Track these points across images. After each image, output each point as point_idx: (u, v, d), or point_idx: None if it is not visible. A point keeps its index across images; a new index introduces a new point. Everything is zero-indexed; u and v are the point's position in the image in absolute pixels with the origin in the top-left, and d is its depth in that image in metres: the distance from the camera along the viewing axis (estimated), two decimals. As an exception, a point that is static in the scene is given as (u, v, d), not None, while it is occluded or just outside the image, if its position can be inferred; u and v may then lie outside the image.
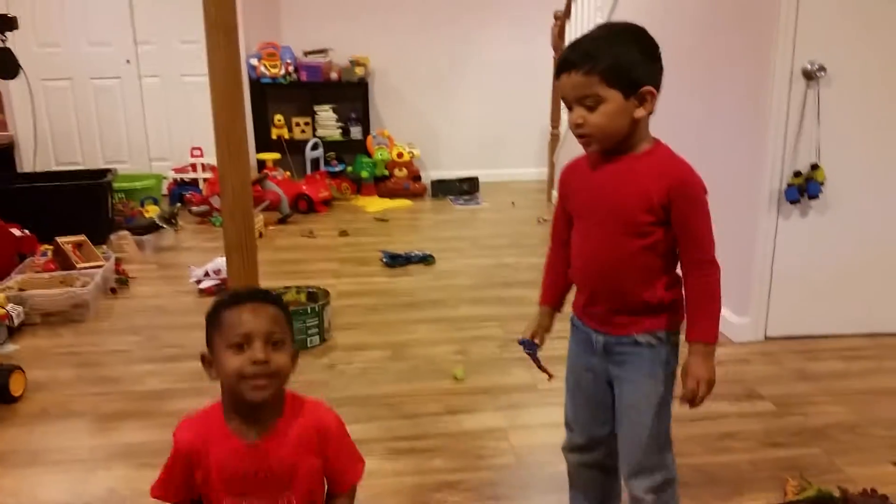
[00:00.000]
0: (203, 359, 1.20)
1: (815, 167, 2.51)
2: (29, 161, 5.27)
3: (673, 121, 1.22)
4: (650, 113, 1.25)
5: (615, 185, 1.29)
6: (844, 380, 2.36)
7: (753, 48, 2.54)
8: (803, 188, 2.52)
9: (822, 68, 2.42)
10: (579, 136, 1.28)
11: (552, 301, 1.49)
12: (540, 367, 1.49)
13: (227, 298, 1.20)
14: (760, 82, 2.50)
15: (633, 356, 1.32)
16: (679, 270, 1.32)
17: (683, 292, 1.31)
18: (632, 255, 1.28)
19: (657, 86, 1.25)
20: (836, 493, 1.71)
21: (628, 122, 1.25)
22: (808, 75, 2.44)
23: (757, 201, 2.55)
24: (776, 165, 2.53)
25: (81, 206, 4.01)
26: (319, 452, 1.23)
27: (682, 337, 1.32)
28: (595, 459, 1.47)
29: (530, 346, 1.48)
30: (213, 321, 1.18)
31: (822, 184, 2.51)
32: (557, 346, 1.50)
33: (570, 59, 1.24)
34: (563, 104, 1.31)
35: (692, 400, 1.28)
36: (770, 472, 1.85)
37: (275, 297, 1.24)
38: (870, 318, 2.69)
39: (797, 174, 2.52)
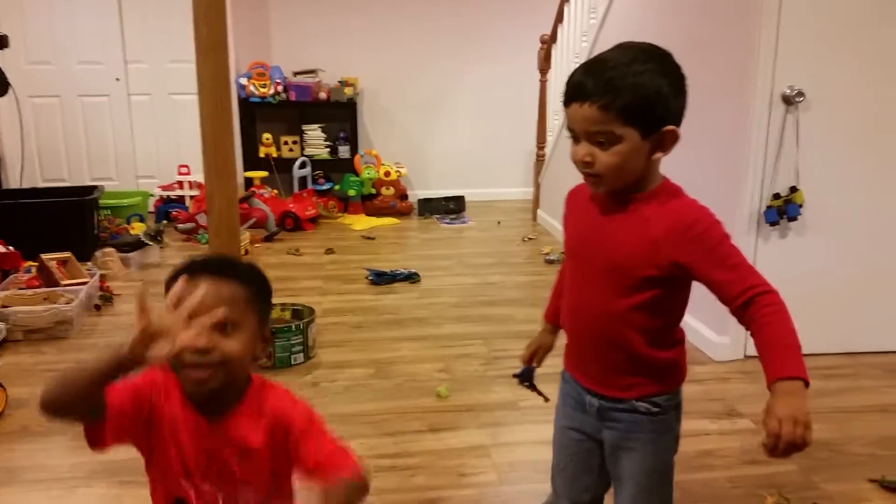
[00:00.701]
0: None
1: (794, 190, 2.56)
2: (15, 177, 5.25)
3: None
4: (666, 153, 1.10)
5: (616, 232, 1.13)
6: (822, 398, 2.39)
7: (734, 74, 2.60)
8: (782, 210, 2.57)
9: (800, 93, 2.48)
10: (586, 175, 1.12)
11: (555, 319, 1.37)
12: (536, 391, 1.44)
13: (184, 265, 1.06)
14: (741, 107, 2.56)
15: (631, 423, 1.19)
16: (680, 327, 1.22)
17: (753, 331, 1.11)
18: (627, 311, 1.13)
19: (679, 123, 1.09)
20: (813, 511, 1.74)
21: (643, 163, 1.09)
22: (788, 100, 2.50)
23: (737, 223, 2.59)
24: (756, 188, 2.58)
25: (67, 222, 4.00)
26: (282, 446, 1.09)
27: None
28: None
29: (525, 377, 1.43)
30: (167, 290, 1.01)
31: (801, 206, 2.56)
32: (551, 363, 1.45)
33: (586, 88, 1.05)
34: (566, 132, 1.14)
35: (774, 446, 1.01)
36: (748, 489, 1.87)
37: (240, 271, 1.08)
38: (848, 338, 2.73)
39: (776, 196, 2.57)
